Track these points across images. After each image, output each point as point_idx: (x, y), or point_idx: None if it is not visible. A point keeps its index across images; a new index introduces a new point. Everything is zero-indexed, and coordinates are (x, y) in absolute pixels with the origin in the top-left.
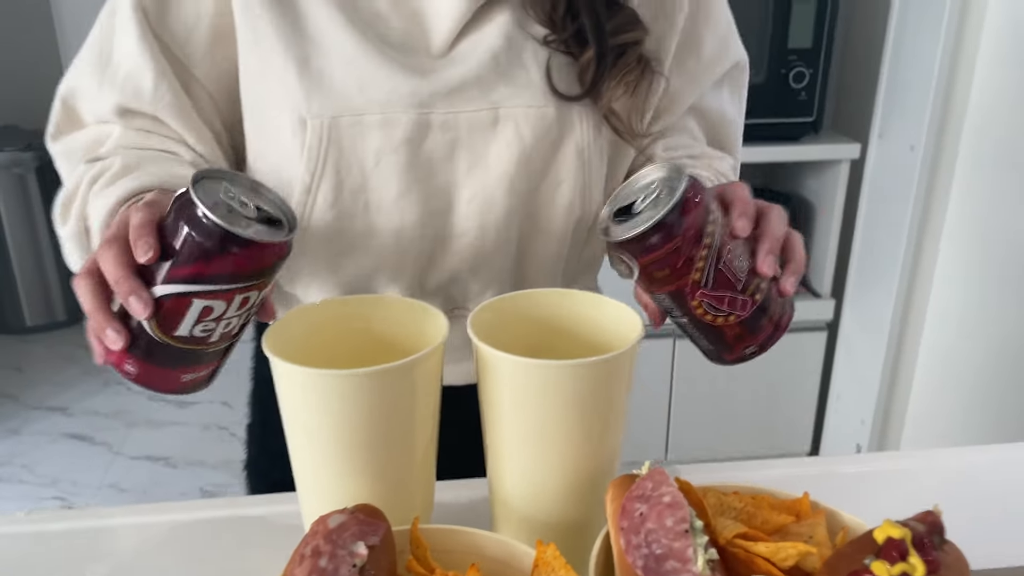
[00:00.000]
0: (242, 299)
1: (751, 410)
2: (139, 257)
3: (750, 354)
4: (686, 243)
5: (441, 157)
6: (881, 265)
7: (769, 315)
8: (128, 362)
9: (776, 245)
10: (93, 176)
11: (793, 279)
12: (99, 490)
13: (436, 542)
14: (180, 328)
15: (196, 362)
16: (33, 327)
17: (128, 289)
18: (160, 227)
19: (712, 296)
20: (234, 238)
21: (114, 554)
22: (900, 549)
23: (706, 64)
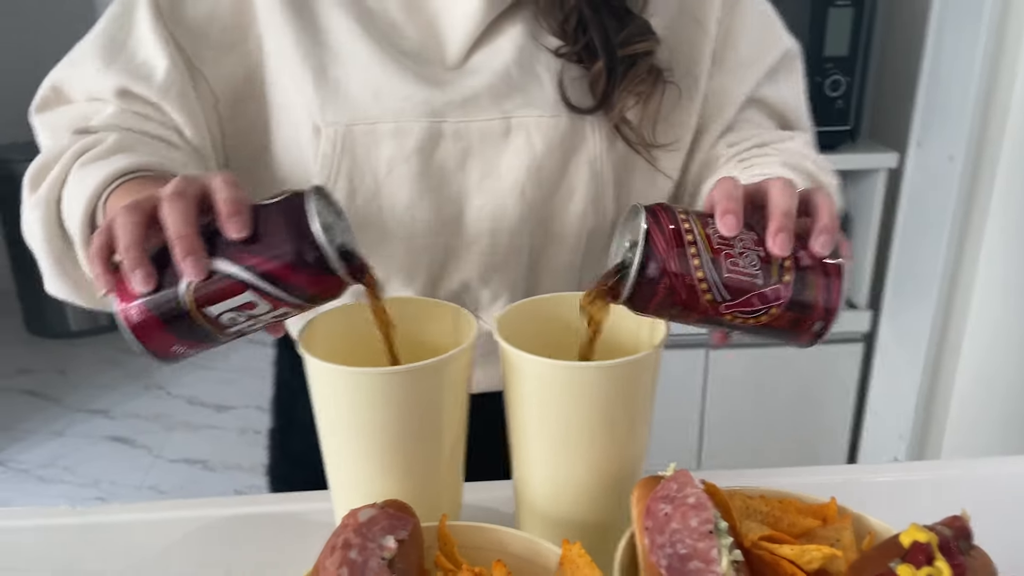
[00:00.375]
0: (284, 312)
1: (785, 423)
2: (229, 231)
3: (821, 329)
4: (673, 277)
5: (453, 166)
6: (919, 277)
7: (813, 286)
8: (136, 308)
9: (785, 220)
10: (81, 148)
11: (823, 238)
12: (138, 491)
13: (463, 538)
14: (214, 307)
15: (200, 340)
16: (77, 332)
17: (190, 248)
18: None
19: (737, 305)
20: (325, 264)
21: (152, 546)
22: (926, 553)
23: (748, 61)
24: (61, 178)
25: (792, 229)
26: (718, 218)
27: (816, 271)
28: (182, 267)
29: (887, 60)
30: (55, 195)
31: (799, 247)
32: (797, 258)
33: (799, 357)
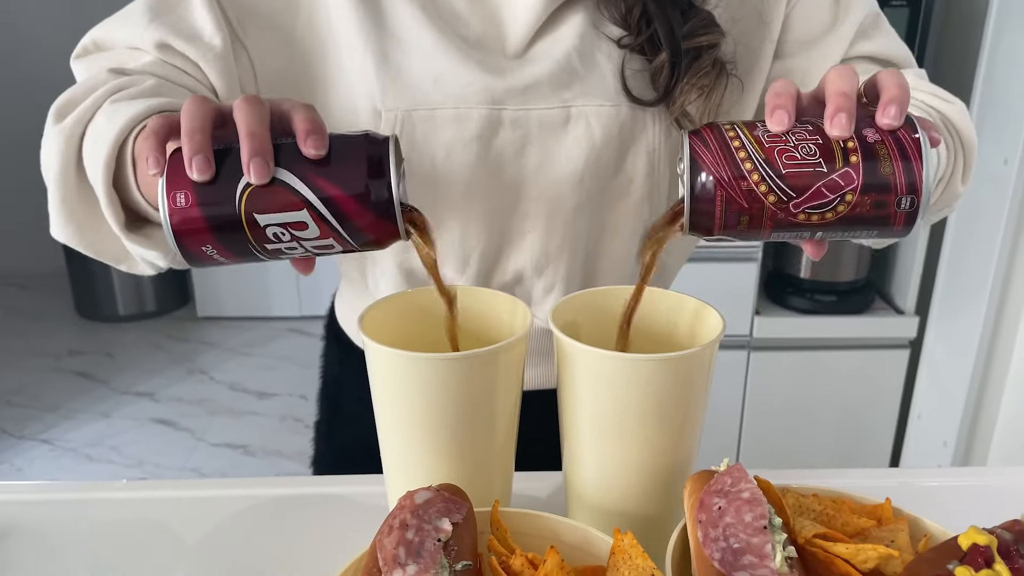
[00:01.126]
0: (328, 244)
1: (827, 427)
2: (307, 147)
3: (911, 206)
4: (728, 187)
5: (511, 154)
6: (970, 282)
7: (888, 161)
8: (184, 196)
9: (844, 101)
10: (116, 86)
11: (891, 109)
12: (181, 472)
13: (515, 525)
14: (264, 216)
15: (235, 249)
16: (125, 316)
17: (260, 148)
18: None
19: (806, 200)
20: (390, 210)
21: (204, 524)
22: (985, 556)
23: (830, 29)
24: (90, 113)
25: (852, 109)
26: (768, 115)
27: (887, 145)
28: (247, 166)
29: (942, 61)
30: (80, 129)
31: (866, 126)
32: (863, 136)
33: (842, 361)
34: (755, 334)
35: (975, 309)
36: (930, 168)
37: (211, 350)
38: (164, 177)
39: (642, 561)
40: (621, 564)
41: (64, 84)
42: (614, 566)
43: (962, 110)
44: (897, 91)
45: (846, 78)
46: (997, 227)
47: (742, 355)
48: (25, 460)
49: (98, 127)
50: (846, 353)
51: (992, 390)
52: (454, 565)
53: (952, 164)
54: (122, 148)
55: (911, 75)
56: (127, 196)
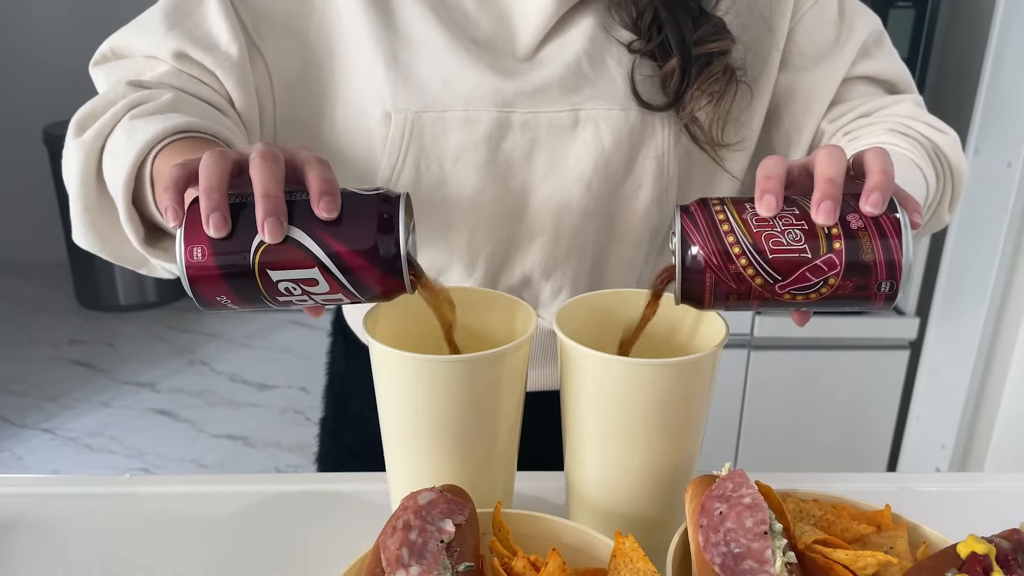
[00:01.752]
0: (339, 298)
1: (825, 428)
2: (320, 209)
3: (890, 289)
4: (716, 268)
5: (520, 157)
6: (971, 285)
7: (869, 248)
8: (200, 250)
9: (830, 188)
10: (135, 100)
11: (872, 197)
12: (180, 463)
13: (516, 526)
14: (276, 273)
15: (247, 299)
16: (126, 306)
17: (274, 209)
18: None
19: (791, 283)
20: (398, 268)
21: (208, 519)
22: (984, 565)
23: (834, 49)
24: (109, 127)
25: (838, 196)
26: (757, 199)
27: (869, 232)
28: (262, 226)
29: (948, 63)
30: (99, 143)
31: (850, 211)
32: (847, 222)
33: (842, 362)
34: (755, 333)
35: (976, 312)
36: (909, 252)
37: (212, 341)
38: (182, 230)
39: (643, 564)
40: (622, 567)
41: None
42: (615, 569)
43: (955, 141)
44: (880, 177)
45: (835, 160)
46: (999, 230)
47: (742, 354)
48: (26, 449)
49: (117, 144)
50: (846, 353)
51: (991, 393)
52: (456, 566)
53: (940, 193)
54: (140, 166)
55: (909, 102)
56: (145, 210)
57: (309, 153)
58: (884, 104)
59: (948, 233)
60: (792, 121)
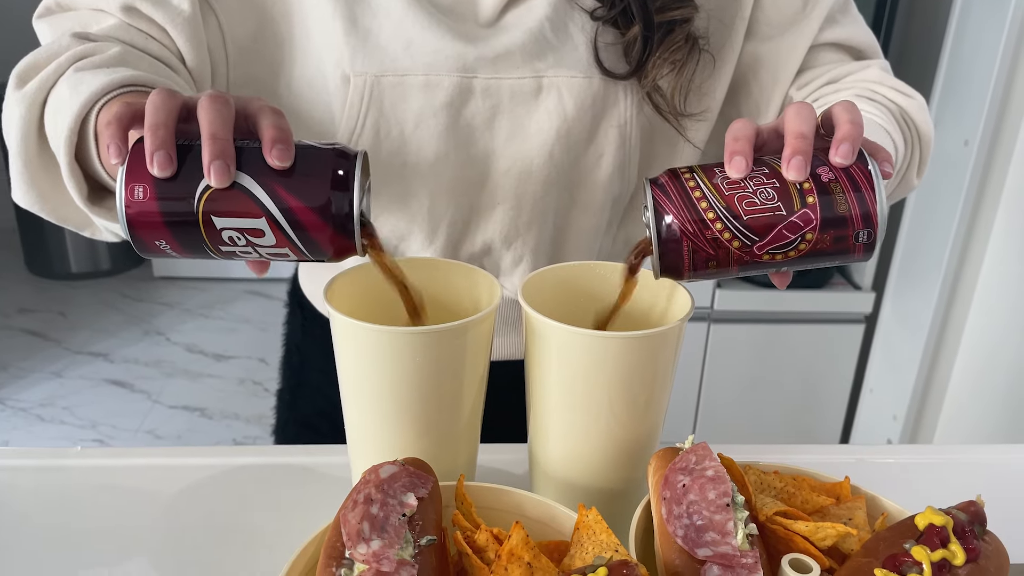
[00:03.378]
0: (284, 252)
1: (782, 399)
2: (272, 157)
3: (868, 238)
4: (692, 236)
5: (481, 124)
6: (926, 260)
7: (842, 199)
8: (142, 190)
9: (800, 143)
10: (80, 52)
11: (841, 148)
12: (136, 434)
13: (479, 499)
14: (222, 220)
15: (188, 246)
16: (78, 274)
17: (221, 152)
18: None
19: (769, 243)
20: (349, 228)
21: (166, 491)
22: (941, 536)
23: (799, 17)
24: (52, 79)
25: (808, 151)
26: (726, 162)
27: (841, 184)
28: (208, 168)
29: (908, 43)
30: (41, 96)
31: (820, 165)
32: (818, 175)
33: (799, 335)
34: (716, 306)
35: (929, 288)
36: (883, 200)
37: (168, 311)
38: (124, 168)
39: (606, 537)
40: (585, 539)
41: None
42: (578, 541)
43: (921, 105)
44: (849, 128)
45: (804, 117)
46: (954, 208)
47: (702, 327)
48: None
49: (61, 97)
50: (803, 327)
51: (942, 367)
52: (419, 540)
53: (908, 158)
54: (84, 120)
55: (875, 67)
56: (89, 167)
57: (262, 103)
58: (851, 70)
59: (904, 210)
60: (760, 90)
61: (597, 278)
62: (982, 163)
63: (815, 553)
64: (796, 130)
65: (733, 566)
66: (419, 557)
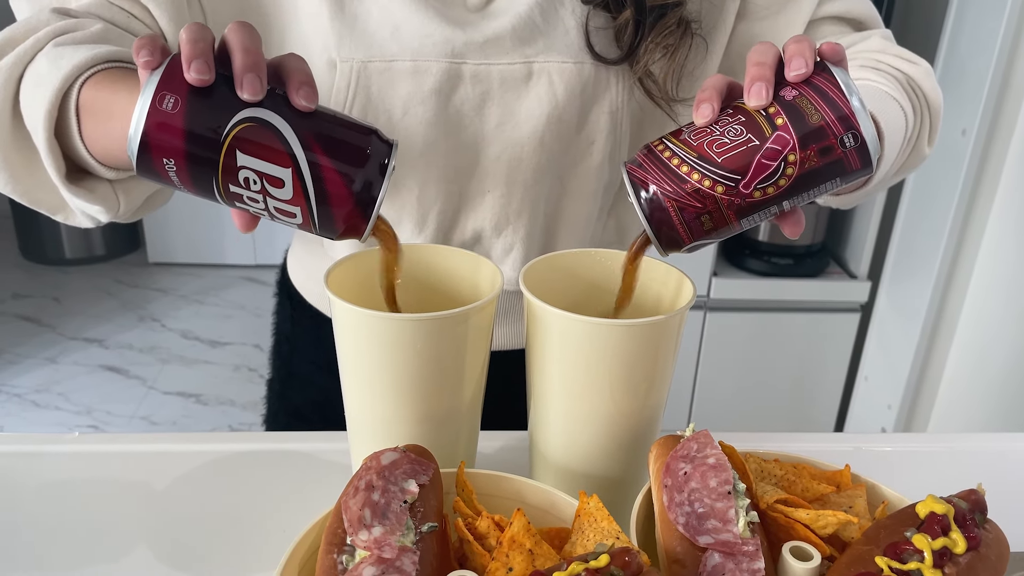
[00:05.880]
0: (293, 213)
1: (777, 388)
2: (297, 98)
3: (855, 139)
4: (676, 197)
5: (470, 110)
6: (922, 251)
7: (812, 108)
8: (174, 100)
9: (758, 70)
10: (60, 28)
11: (795, 61)
12: (131, 421)
13: (480, 486)
14: (245, 158)
15: (197, 177)
16: (72, 259)
17: (254, 63)
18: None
19: (753, 177)
20: (368, 212)
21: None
22: (942, 524)
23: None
24: (30, 54)
25: (767, 76)
26: (694, 109)
27: (806, 95)
28: (240, 80)
29: (907, 30)
30: (17, 71)
31: (782, 88)
32: (782, 97)
33: (795, 323)
34: (712, 295)
35: (925, 277)
36: (858, 97)
37: (163, 297)
38: (160, 71)
39: (607, 524)
40: (586, 526)
41: None
42: (579, 528)
43: (928, 71)
44: (796, 45)
45: (761, 50)
46: (951, 197)
47: (698, 315)
48: None
49: (40, 71)
50: (799, 315)
51: (937, 357)
52: (420, 527)
53: (919, 125)
54: (65, 97)
55: (877, 36)
56: (68, 147)
57: (285, 54)
58: (853, 41)
59: (901, 198)
60: None
61: (598, 265)
62: (979, 153)
63: (816, 541)
64: (754, 60)
65: (734, 553)
66: (420, 544)
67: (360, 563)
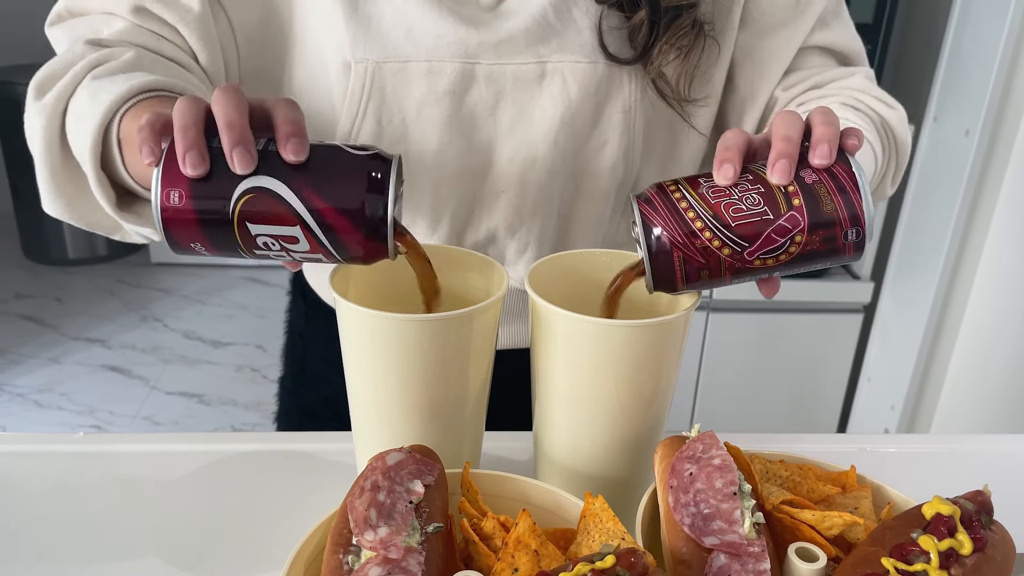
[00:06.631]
0: (317, 257)
1: (780, 388)
2: (286, 153)
3: (858, 236)
4: (682, 246)
5: (484, 111)
6: (924, 252)
7: (828, 199)
8: (178, 194)
9: (785, 145)
10: (95, 60)
11: (819, 149)
12: (134, 421)
13: (485, 487)
14: (256, 227)
15: (222, 248)
16: (75, 260)
17: (240, 137)
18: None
19: (759, 248)
20: (383, 234)
21: (169, 478)
22: (948, 525)
23: (792, 17)
24: (70, 89)
25: (793, 154)
26: (715, 169)
27: (825, 184)
28: (231, 156)
29: (911, 30)
30: (61, 106)
31: (803, 168)
32: (802, 178)
33: (798, 324)
34: (715, 296)
35: (928, 278)
36: (869, 197)
37: (165, 297)
38: (159, 171)
39: (612, 525)
40: (592, 527)
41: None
42: (584, 529)
43: (902, 118)
44: (825, 129)
45: (790, 122)
46: (954, 198)
47: (701, 316)
48: None
49: (80, 106)
50: (802, 316)
51: (940, 357)
52: (425, 527)
53: (885, 165)
54: (107, 131)
55: (860, 76)
56: (114, 174)
57: (276, 98)
58: (837, 76)
59: (904, 200)
60: (748, 85)
61: (604, 266)
62: (983, 153)
63: (821, 542)
64: (782, 134)
65: (740, 554)
66: (426, 544)
67: (366, 563)
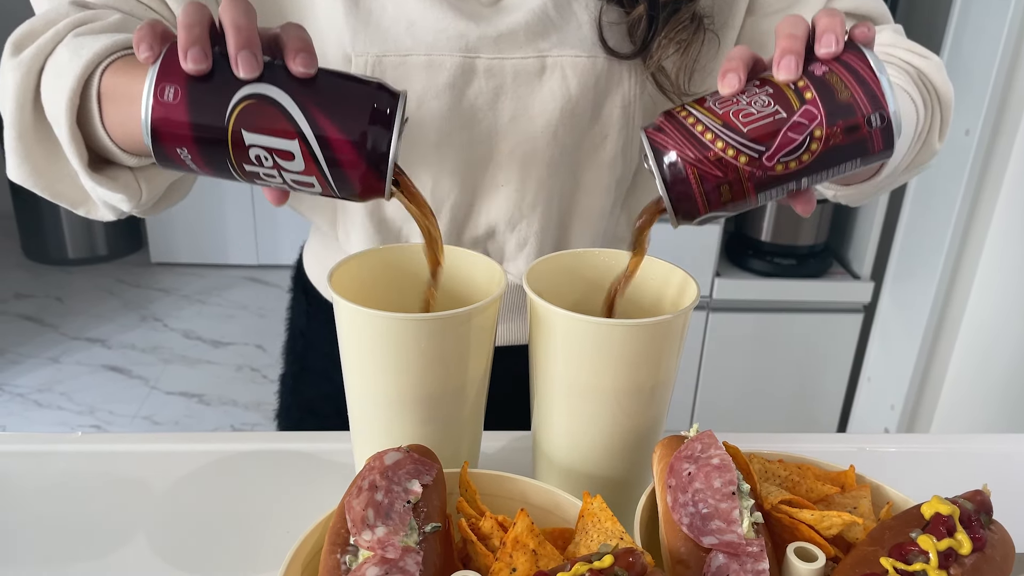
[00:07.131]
0: (308, 183)
1: (780, 388)
2: (295, 65)
3: (882, 120)
4: (697, 163)
5: (484, 104)
6: (925, 250)
7: (842, 85)
8: (174, 91)
9: (789, 42)
10: (79, 19)
11: (826, 38)
12: (133, 420)
13: (484, 486)
14: (252, 136)
15: (212, 161)
16: (75, 259)
17: (247, 40)
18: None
19: (777, 150)
20: (383, 167)
21: (167, 477)
22: (948, 525)
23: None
24: (51, 46)
25: (799, 50)
26: (720, 79)
27: (837, 72)
28: (235, 59)
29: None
30: (38, 63)
31: (812, 63)
32: (811, 71)
33: (798, 323)
34: (715, 295)
35: (928, 278)
36: (887, 78)
37: (165, 297)
38: (156, 66)
39: (611, 524)
40: (590, 527)
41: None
42: (583, 529)
43: (939, 65)
44: (828, 21)
45: (793, 22)
46: (955, 197)
47: (701, 315)
48: None
49: (60, 61)
50: (802, 316)
51: (940, 357)
52: (423, 527)
53: (930, 119)
54: (87, 85)
55: (888, 31)
56: (91, 135)
57: (285, 23)
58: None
59: (904, 199)
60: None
61: (602, 265)
62: (983, 153)
63: (820, 542)
64: (785, 31)
65: (738, 554)
66: (424, 544)
67: (363, 563)
